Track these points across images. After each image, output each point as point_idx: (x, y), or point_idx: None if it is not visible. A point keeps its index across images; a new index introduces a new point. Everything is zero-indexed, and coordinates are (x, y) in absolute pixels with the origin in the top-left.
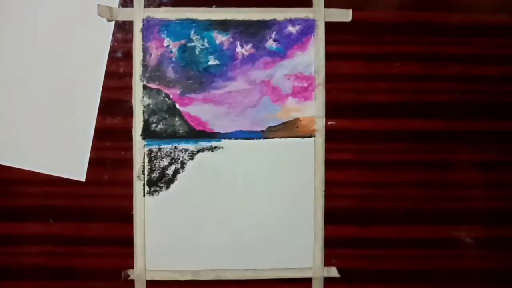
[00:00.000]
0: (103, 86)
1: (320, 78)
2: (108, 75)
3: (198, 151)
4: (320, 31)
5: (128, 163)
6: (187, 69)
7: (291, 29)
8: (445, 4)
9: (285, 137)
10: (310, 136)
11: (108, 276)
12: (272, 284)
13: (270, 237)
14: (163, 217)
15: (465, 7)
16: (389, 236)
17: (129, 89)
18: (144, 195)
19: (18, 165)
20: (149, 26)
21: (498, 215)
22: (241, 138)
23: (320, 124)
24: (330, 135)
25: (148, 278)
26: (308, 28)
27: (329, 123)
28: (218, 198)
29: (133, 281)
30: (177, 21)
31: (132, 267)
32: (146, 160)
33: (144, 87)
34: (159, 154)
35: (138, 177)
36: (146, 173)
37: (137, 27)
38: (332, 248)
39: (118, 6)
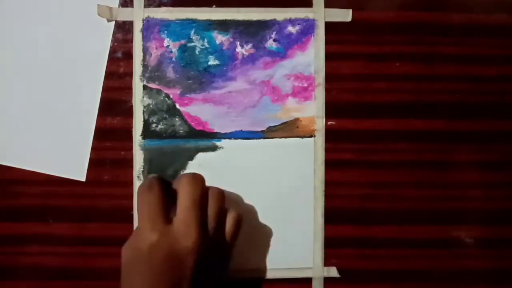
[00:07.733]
0: (103, 86)
1: (320, 78)
2: (108, 75)
3: (198, 151)
4: (320, 31)
5: (128, 163)
6: (187, 69)
7: (291, 29)
8: (445, 4)
9: (285, 137)
10: (310, 136)
11: (108, 276)
12: (272, 284)
13: (270, 237)
14: None
15: (465, 7)
16: (389, 236)
17: (129, 89)
18: None
19: (18, 165)
20: (149, 26)
21: (498, 215)
22: (241, 138)
23: (320, 124)
24: (330, 135)
25: None
26: (308, 28)
27: (329, 123)
28: None
29: None
30: (177, 21)
31: None
32: (146, 160)
33: (144, 87)
34: (159, 154)
35: (138, 177)
36: (146, 173)
37: (137, 27)
38: (332, 248)
39: (118, 6)
